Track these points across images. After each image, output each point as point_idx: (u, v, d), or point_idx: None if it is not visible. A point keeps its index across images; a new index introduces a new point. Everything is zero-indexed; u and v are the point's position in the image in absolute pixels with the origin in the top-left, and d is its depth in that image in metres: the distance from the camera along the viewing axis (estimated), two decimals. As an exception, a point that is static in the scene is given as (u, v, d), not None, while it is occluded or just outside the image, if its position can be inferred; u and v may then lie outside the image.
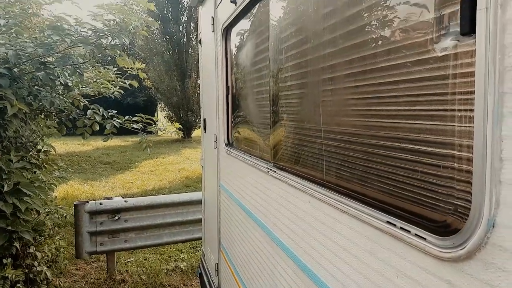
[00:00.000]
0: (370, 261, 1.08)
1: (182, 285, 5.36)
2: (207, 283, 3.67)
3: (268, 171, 1.91)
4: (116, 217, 5.08)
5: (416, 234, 0.88)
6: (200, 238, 5.82)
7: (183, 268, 5.78)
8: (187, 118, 21.48)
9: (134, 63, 4.65)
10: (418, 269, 0.88)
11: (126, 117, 5.15)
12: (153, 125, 5.85)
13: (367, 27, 1.10)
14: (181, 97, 21.29)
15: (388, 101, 1.04)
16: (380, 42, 1.04)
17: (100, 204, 5.06)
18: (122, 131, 4.97)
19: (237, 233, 2.59)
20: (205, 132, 3.72)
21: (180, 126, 5.90)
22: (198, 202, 5.62)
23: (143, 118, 5.39)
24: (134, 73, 5.28)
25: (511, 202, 0.64)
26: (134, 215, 5.24)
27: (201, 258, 4.14)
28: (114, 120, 4.92)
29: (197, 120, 22.81)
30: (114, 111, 4.76)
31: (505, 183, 0.65)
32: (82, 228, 5.02)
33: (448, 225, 0.81)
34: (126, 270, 5.69)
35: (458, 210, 0.79)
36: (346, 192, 1.23)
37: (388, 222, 0.98)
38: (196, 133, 23.48)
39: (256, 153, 2.27)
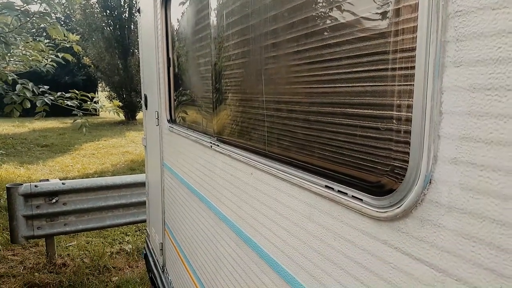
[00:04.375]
0: (308, 226, 1.06)
1: (127, 266, 5.21)
2: (152, 263, 3.58)
3: (211, 146, 1.85)
4: (54, 200, 4.78)
5: (353, 196, 0.87)
6: (144, 221, 5.67)
7: (129, 250, 5.61)
8: (131, 98, 20.61)
9: (66, 35, 4.30)
10: (355, 231, 0.87)
11: (59, 93, 4.80)
12: (90, 103, 5.50)
13: (308, -13, 1.05)
14: (124, 76, 20.33)
15: (327, 65, 1.01)
16: (319, 4, 1.00)
17: (36, 186, 4.72)
18: (60, 112, 4.63)
19: (181, 211, 2.52)
20: (146, 109, 3.55)
21: (120, 104, 5.60)
22: (143, 184, 5.44)
23: (77, 94, 5.04)
24: (68, 45, 4.91)
25: (449, 157, 0.63)
26: (73, 197, 4.96)
27: (146, 240, 4.02)
28: (46, 97, 4.56)
29: (141, 101, 21.99)
30: (46, 87, 4.40)
31: (443, 137, 0.64)
32: (17, 212, 4.67)
33: (385, 185, 0.80)
34: (68, 254, 5.42)
35: (396, 170, 0.78)
36: (287, 161, 1.20)
37: (326, 187, 0.97)
38: (140, 115, 22.63)
39: (199, 128, 2.19)
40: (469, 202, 0.60)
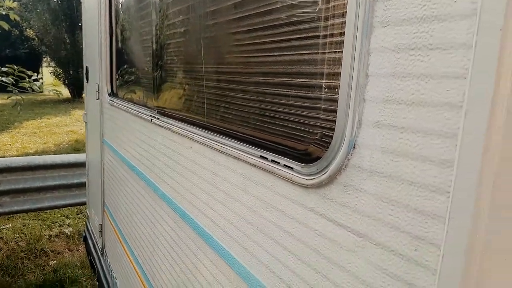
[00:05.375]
0: (242, 198, 1.04)
1: (67, 250, 4.98)
2: (91, 245, 3.44)
3: (151, 119, 1.76)
4: (-15, 179, 4.43)
5: (284, 165, 0.85)
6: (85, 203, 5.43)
7: (68, 233, 5.36)
8: (78, 75, 19.48)
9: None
10: (285, 200, 0.85)
11: (-5, 67, 4.41)
12: (28, 81, 5.12)
13: None
14: (71, 52, 19.15)
15: (260, 34, 0.97)
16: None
17: (-36, 164, 4.35)
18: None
19: (121, 190, 2.42)
20: (87, 82, 3.35)
21: (61, 85, 5.25)
22: (84, 165, 5.19)
23: (14, 70, 4.67)
24: (4, 13, 4.52)
25: (372, 120, 0.63)
26: (7, 177, 4.62)
27: (86, 222, 3.85)
28: (-21, 70, 4.18)
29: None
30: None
31: (368, 100, 0.63)
32: None
33: (313, 152, 0.79)
34: (1, 237, 5.08)
35: (323, 137, 0.77)
36: (225, 132, 1.17)
37: (261, 157, 0.94)
38: (89, 93, 21.56)
39: (140, 101, 2.08)
40: (389, 166, 0.59)
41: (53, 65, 20.73)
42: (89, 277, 4.35)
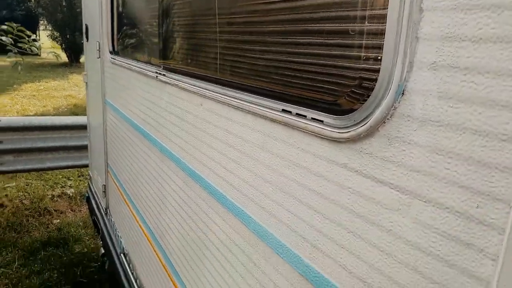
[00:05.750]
0: (260, 156, 0.97)
1: (69, 210, 5.01)
2: (94, 205, 3.42)
3: (157, 76, 1.67)
4: (-11, 138, 4.37)
5: (312, 118, 0.77)
6: (87, 165, 5.40)
7: (71, 194, 5.38)
8: (75, 39, 19.00)
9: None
10: (311, 156, 0.78)
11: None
12: (28, 41, 4.96)
13: None
14: (67, 15, 18.57)
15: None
16: None
17: (-31, 122, 4.28)
18: None
19: (125, 151, 2.35)
20: (87, 40, 3.21)
21: (60, 48, 5.07)
22: (83, 128, 5.11)
23: (13, 28, 4.49)
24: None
25: (428, 62, 0.54)
26: (10, 136, 4.56)
27: (88, 183, 3.82)
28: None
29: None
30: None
31: (422, 38, 0.55)
32: (-52, 149, 4.24)
33: (349, 102, 0.71)
34: (6, 195, 5.11)
35: (363, 84, 0.69)
36: (241, 86, 1.08)
37: (283, 111, 0.86)
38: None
39: (144, 58, 1.98)
40: (447, 113, 0.52)
41: (50, 28, 20.16)
42: (91, 236, 4.39)
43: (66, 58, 19.20)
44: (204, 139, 1.30)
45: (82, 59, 20.01)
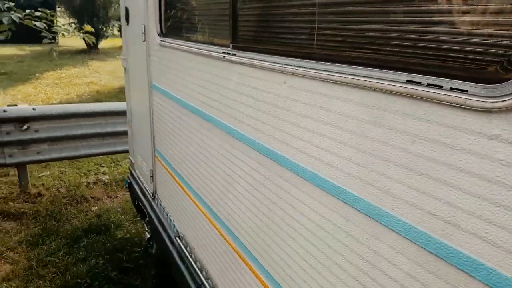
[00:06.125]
0: (371, 133, 0.94)
1: (106, 197, 5.10)
2: (138, 190, 3.46)
3: (224, 56, 1.65)
4: (25, 127, 4.46)
5: (452, 88, 0.74)
6: (121, 152, 5.47)
7: (106, 181, 5.47)
8: (93, 25, 19.07)
9: None
10: (447, 129, 0.75)
11: (28, 11, 4.27)
12: (63, 25, 4.99)
13: None
14: (85, 0, 18.65)
15: None
16: None
17: (4, 111, 4.36)
18: (18, 38, 4.13)
19: (178, 135, 2.35)
20: (127, 24, 3.20)
21: (92, 30, 5.09)
22: (117, 114, 5.16)
23: (47, 14, 4.52)
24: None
25: None
26: (45, 124, 4.64)
27: (130, 169, 3.86)
28: (13, 14, 4.04)
29: (104, 28, 20.49)
30: (12, 3, 3.87)
31: None
32: (-14, 139, 4.35)
33: (503, 69, 0.67)
34: (42, 184, 5.22)
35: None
36: (347, 60, 1.04)
37: (408, 82, 0.83)
38: (103, 43, 21.22)
39: (204, 38, 1.96)
40: None
41: (67, 15, 20.26)
42: (132, 221, 4.47)
43: (84, 45, 19.30)
44: (287, 118, 1.28)
45: (100, 45, 20.12)
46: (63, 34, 4.42)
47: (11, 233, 4.17)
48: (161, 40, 2.43)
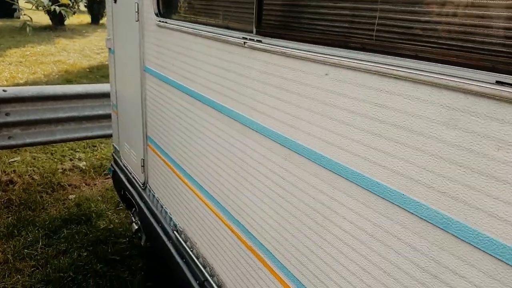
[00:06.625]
0: (443, 134, 0.86)
1: (84, 184, 4.86)
2: (125, 180, 3.29)
3: (245, 42, 1.51)
4: (-6, 110, 4.13)
5: None
6: (99, 137, 5.21)
7: (83, 167, 5.21)
8: (58, 0, 18.05)
9: None
10: None
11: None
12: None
13: None
14: (49, -27, 17.55)
15: None
16: None
17: (-31, 93, 4.01)
18: None
19: (180, 124, 2.21)
20: (115, 2, 2.97)
21: (69, 2, 4.74)
22: (96, 96, 4.88)
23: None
24: None
25: None
26: (17, 107, 4.32)
27: (113, 156, 3.66)
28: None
29: (71, 4, 19.40)
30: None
31: None
32: (-51, 123, 3.98)
33: None
34: (13, 171, 4.90)
35: None
36: (415, 54, 0.95)
37: (498, 83, 0.75)
38: (70, 20, 20.12)
39: (217, 21, 1.81)
40: None
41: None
42: (114, 211, 4.28)
43: (49, 21, 18.27)
44: (329, 114, 1.18)
45: (66, 22, 19.08)
46: (37, 7, 4.07)
47: (-18, 224, 3.90)
48: (159, 21, 2.25)
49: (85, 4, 21.65)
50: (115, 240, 3.70)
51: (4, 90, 4.21)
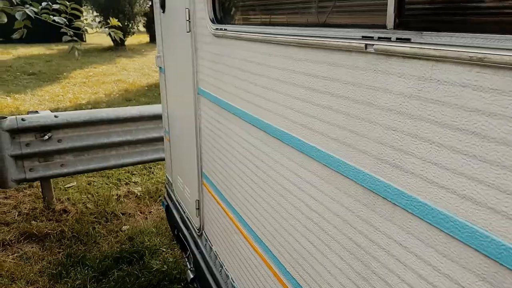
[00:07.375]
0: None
1: (139, 213, 4.48)
2: (179, 219, 2.78)
3: (366, 46, 0.89)
4: (46, 136, 3.87)
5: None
6: (156, 160, 4.84)
7: (138, 193, 4.85)
8: (119, 21, 18.70)
9: None
10: None
11: (44, 4, 3.65)
12: (81, 21, 4.38)
13: None
14: (110, -4, 18.29)
15: None
16: None
17: (23, 120, 3.78)
18: (45, 38, 3.53)
19: (241, 162, 1.63)
20: (163, 12, 2.50)
21: (119, 24, 4.45)
22: (150, 118, 4.52)
23: (67, 7, 3.89)
24: None
25: None
26: (69, 133, 4.05)
27: (166, 188, 3.20)
28: (27, 8, 3.43)
29: (130, 25, 20.08)
30: (27, -5, 3.28)
31: None
32: (3, 152, 3.78)
33: None
34: (68, 198, 4.65)
35: None
36: None
37: None
38: (130, 40, 20.84)
39: (309, 19, 1.22)
40: None
41: (92, 11, 19.96)
42: (169, 246, 3.83)
43: (111, 42, 18.99)
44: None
45: (127, 42, 19.72)
46: (86, 30, 3.78)
47: (32, 260, 3.61)
48: (216, 29, 1.70)
49: (144, 24, 22.34)
50: (169, 286, 3.21)
51: (55, 116, 3.96)
